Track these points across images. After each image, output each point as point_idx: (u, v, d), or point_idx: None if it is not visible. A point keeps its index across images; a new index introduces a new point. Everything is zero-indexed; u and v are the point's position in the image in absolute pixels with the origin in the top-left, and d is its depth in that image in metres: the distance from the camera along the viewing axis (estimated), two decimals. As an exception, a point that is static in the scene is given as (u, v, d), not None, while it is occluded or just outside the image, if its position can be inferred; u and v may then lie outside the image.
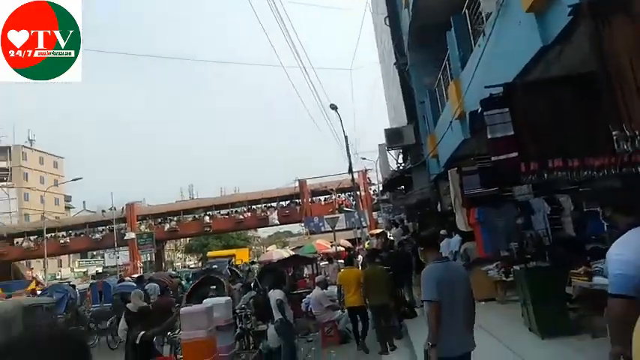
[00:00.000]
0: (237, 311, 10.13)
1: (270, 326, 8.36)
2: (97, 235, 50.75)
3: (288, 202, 50.27)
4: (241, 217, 49.09)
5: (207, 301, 7.84)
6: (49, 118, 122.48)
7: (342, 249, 29.91)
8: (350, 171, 23.29)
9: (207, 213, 50.81)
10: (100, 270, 56.18)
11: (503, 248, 8.10)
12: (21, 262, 53.77)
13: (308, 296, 10.82)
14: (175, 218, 50.75)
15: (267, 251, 39.27)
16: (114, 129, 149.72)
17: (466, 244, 11.93)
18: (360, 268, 11.61)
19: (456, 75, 8.37)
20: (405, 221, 16.47)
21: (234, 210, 50.81)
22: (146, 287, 13.74)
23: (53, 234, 49.07)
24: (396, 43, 14.89)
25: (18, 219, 62.92)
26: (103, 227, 51.31)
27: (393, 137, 14.75)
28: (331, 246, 26.80)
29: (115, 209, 51.06)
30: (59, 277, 57.41)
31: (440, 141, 10.78)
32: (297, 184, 47.55)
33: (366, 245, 25.05)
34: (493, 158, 4.89)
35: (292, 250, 35.66)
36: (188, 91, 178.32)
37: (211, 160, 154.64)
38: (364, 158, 37.41)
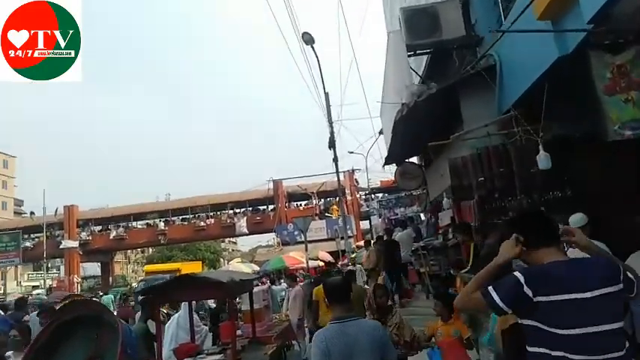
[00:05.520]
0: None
1: None
2: (27, 244, 41.78)
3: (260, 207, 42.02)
4: (202, 223, 40.61)
5: None
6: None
7: (321, 264, 22.15)
8: (331, 144, 15.51)
9: (164, 219, 42.35)
10: (55, 285, 47.43)
11: None
12: None
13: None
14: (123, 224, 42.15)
15: (226, 265, 31.11)
16: (84, 133, 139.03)
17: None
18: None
19: None
20: (428, 210, 8.52)
21: (195, 215, 42.36)
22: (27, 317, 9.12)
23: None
24: None
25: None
26: (38, 234, 42.44)
27: (419, 25, 6.96)
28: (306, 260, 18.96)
29: (57, 213, 42.32)
30: (0, 291, 48.22)
31: None
32: (270, 185, 39.35)
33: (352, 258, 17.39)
34: None
35: (258, 265, 28.14)
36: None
37: (182, 168, 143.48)
38: (352, 152, 29.68)
